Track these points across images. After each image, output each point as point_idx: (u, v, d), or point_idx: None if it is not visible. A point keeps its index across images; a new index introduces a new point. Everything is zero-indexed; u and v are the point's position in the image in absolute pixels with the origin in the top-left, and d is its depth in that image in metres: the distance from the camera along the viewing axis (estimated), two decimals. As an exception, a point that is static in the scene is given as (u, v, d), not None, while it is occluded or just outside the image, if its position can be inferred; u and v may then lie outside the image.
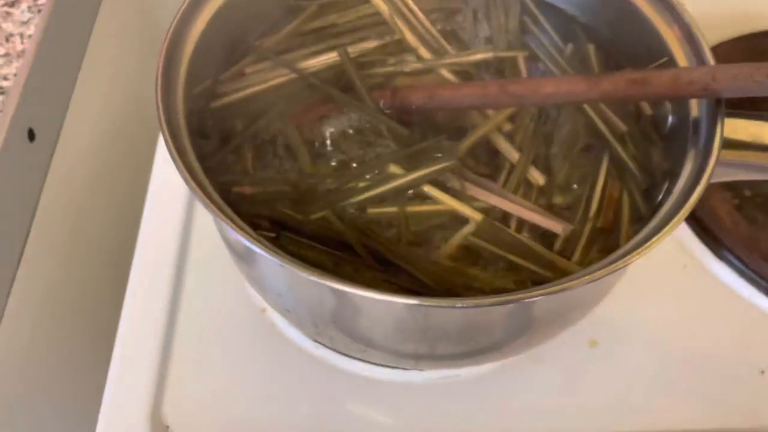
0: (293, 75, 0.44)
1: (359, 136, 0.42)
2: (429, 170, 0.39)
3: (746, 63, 0.34)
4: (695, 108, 0.37)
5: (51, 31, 0.54)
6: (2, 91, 0.46)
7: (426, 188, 0.39)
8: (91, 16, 0.58)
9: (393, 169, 0.39)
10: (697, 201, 0.33)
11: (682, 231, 0.49)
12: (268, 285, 0.38)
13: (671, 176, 0.37)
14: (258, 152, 0.41)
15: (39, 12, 0.55)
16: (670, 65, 0.39)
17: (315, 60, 0.45)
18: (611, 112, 0.42)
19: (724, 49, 0.57)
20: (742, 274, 0.47)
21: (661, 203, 0.36)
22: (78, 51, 0.56)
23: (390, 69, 0.45)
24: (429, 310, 0.32)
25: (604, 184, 0.40)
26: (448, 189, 0.39)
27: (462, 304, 0.31)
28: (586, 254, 0.37)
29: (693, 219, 0.49)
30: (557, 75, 0.44)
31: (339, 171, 0.40)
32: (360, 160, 0.41)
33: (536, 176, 0.39)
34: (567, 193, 0.40)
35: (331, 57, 0.45)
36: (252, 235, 0.32)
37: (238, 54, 0.45)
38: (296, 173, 0.40)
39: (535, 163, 0.40)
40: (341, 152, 0.41)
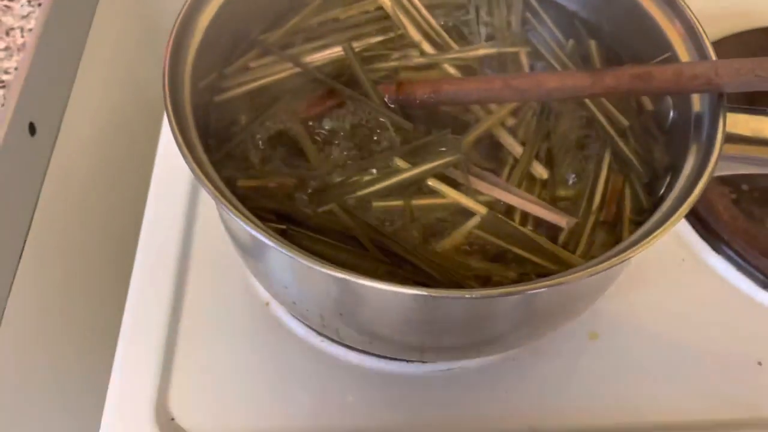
0: (297, 69, 0.44)
1: (364, 130, 0.42)
2: (434, 164, 0.39)
3: (748, 58, 0.35)
4: (697, 103, 0.38)
5: (51, 25, 0.54)
6: (3, 85, 0.46)
7: (431, 182, 0.39)
8: (91, 9, 0.58)
9: (398, 163, 0.40)
10: (700, 195, 0.33)
11: (681, 225, 0.50)
12: (274, 277, 0.38)
13: (673, 170, 0.38)
14: (263, 146, 0.41)
15: (39, 5, 0.55)
16: (673, 61, 0.39)
17: (319, 54, 0.45)
18: (613, 107, 0.42)
19: (725, 45, 0.57)
20: (740, 268, 0.47)
21: (663, 197, 0.36)
22: (78, 44, 0.56)
23: (394, 64, 0.45)
24: (437, 301, 0.32)
25: (607, 178, 0.40)
26: (453, 183, 0.39)
27: (470, 295, 0.31)
28: (590, 247, 0.38)
29: (691, 213, 0.49)
30: (559, 70, 0.44)
31: (344, 165, 0.40)
32: (365, 154, 0.41)
33: (539, 170, 0.40)
34: (570, 187, 0.40)
35: (336, 51, 0.45)
36: (261, 227, 0.32)
37: (243, 48, 0.45)
38: (301, 167, 0.40)
39: (538, 158, 0.41)
40: (346, 146, 0.41)
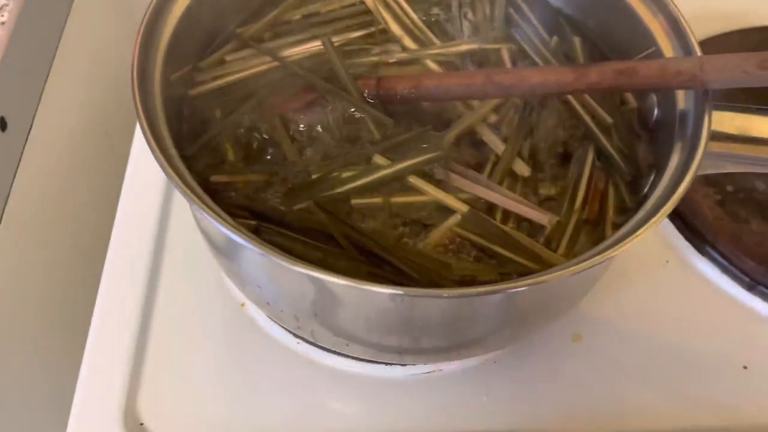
0: (275, 63, 0.43)
1: (343, 126, 0.41)
2: (414, 161, 0.39)
3: (734, 54, 0.34)
4: (682, 100, 0.37)
5: (25, 19, 0.53)
6: (-27, 78, 0.44)
7: (411, 179, 0.38)
8: (67, 3, 0.57)
9: (378, 160, 0.39)
10: (684, 193, 0.32)
11: (665, 226, 0.49)
12: (248, 277, 0.37)
13: (657, 168, 0.37)
14: (238, 141, 0.40)
15: (13, -1, 0.53)
16: (657, 56, 0.39)
17: (298, 48, 0.44)
18: (597, 105, 0.42)
19: (710, 46, 0.57)
20: (725, 270, 0.47)
21: (647, 195, 0.35)
22: (52, 38, 0.55)
23: (374, 59, 0.44)
24: (414, 301, 0.31)
25: (590, 176, 0.39)
26: (434, 180, 0.38)
27: (447, 294, 0.30)
28: (572, 246, 0.37)
29: (676, 214, 0.49)
30: (543, 66, 0.44)
31: (322, 161, 0.39)
32: (344, 151, 0.40)
33: (521, 168, 0.39)
34: (552, 185, 0.39)
35: (315, 46, 0.44)
36: (231, 224, 0.31)
37: (219, 41, 0.44)
38: (278, 163, 0.39)
39: (521, 155, 0.40)
40: (325, 142, 0.40)
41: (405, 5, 0.46)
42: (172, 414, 0.41)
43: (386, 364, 0.42)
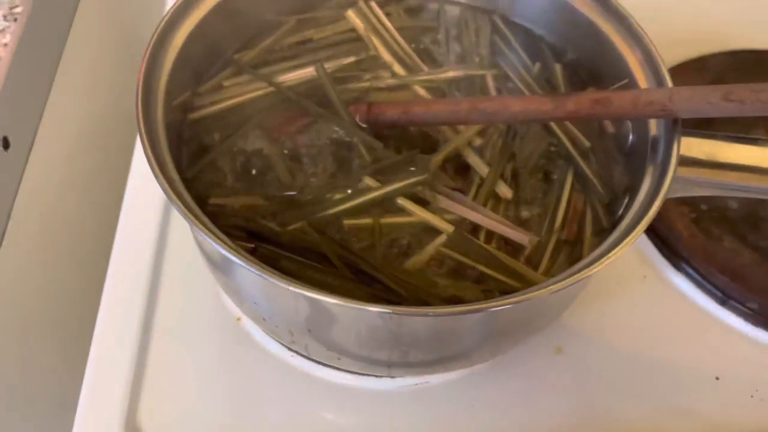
0: (271, 88, 0.45)
1: (335, 150, 0.43)
2: (403, 183, 0.40)
3: (701, 86, 0.37)
4: (654, 127, 0.40)
5: (27, 40, 0.54)
6: (-23, 99, 0.46)
7: (400, 201, 0.40)
8: (67, 25, 0.59)
9: (368, 182, 0.41)
10: (654, 216, 0.35)
11: (643, 243, 0.51)
12: (244, 294, 0.38)
13: (631, 191, 0.39)
14: (235, 164, 0.42)
15: (15, 20, 0.55)
16: (631, 86, 0.41)
17: (292, 74, 0.46)
18: (576, 130, 0.44)
19: (686, 69, 0.59)
20: (699, 285, 0.49)
21: (622, 217, 0.37)
22: (53, 59, 0.57)
23: (365, 84, 0.46)
24: (401, 319, 0.33)
25: (569, 198, 0.41)
26: (421, 201, 0.40)
27: (433, 313, 0.32)
28: (552, 265, 0.39)
29: (653, 232, 0.51)
30: (526, 93, 0.46)
31: (315, 183, 0.41)
32: (336, 173, 0.42)
33: (504, 190, 0.41)
34: (533, 207, 0.41)
35: (308, 72, 0.46)
36: (230, 246, 0.33)
37: (217, 67, 0.46)
38: (273, 185, 0.41)
39: (504, 177, 0.42)
40: (317, 165, 0.42)
41: (395, 33, 0.48)
42: (172, 424, 0.43)
43: (376, 377, 0.44)
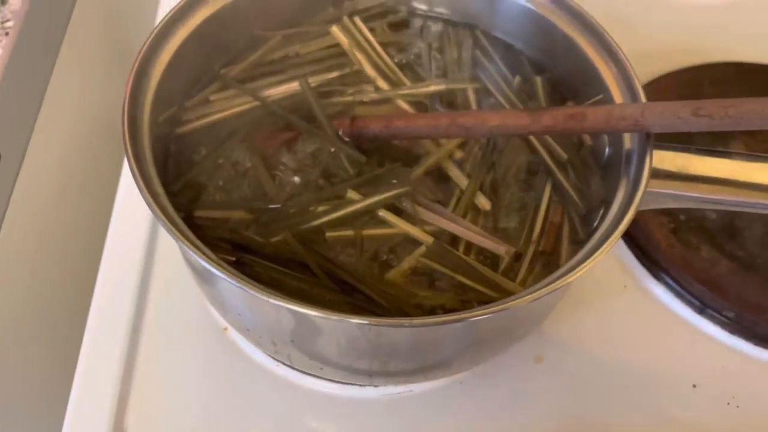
0: (256, 103, 0.46)
1: (319, 163, 0.44)
2: (384, 196, 0.41)
3: (673, 101, 0.38)
4: (628, 141, 0.41)
5: (18, 54, 0.55)
6: (-32, 113, 0.47)
7: (381, 212, 0.41)
8: (58, 39, 0.60)
9: (351, 195, 0.42)
10: (626, 228, 0.36)
11: (623, 253, 0.52)
12: (228, 305, 0.39)
13: (606, 203, 0.40)
14: (221, 177, 0.43)
15: (6, 35, 0.56)
16: (606, 101, 0.42)
17: (278, 89, 0.47)
18: (555, 143, 0.45)
19: (664, 82, 0.61)
20: (678, 294, 0.50)
21: (597, 228, 0.38)
22: (44, 73, 0.57)
23: (349, 98, 0.47)
24: (380, 329, 0.34)
25: (547, 210, 0.42)
26: (402, 213, 0.41)
27: (410, 324, 0.33)
28: (529, 275, 0.40)
29: (633, 242, 0.52)
30: (506, 106, 0.47)
31: (299, 196, 0.42)
32: (319, 186, 0.43)
33: (483, 202, 0.42)
34: (512, 218, 0.42)
35: (293, 86, 0.47)
36: (212, 259, 0.34)
37: (204, 82, 0.47)
38: (258, 198, 0.42)
39: (483, 189, 0.43)
40: (301, 178, 0.43)
41: (378, 48, 0.49)
42: (158, 433, 0.44)
43: (360, 386, 0.45)
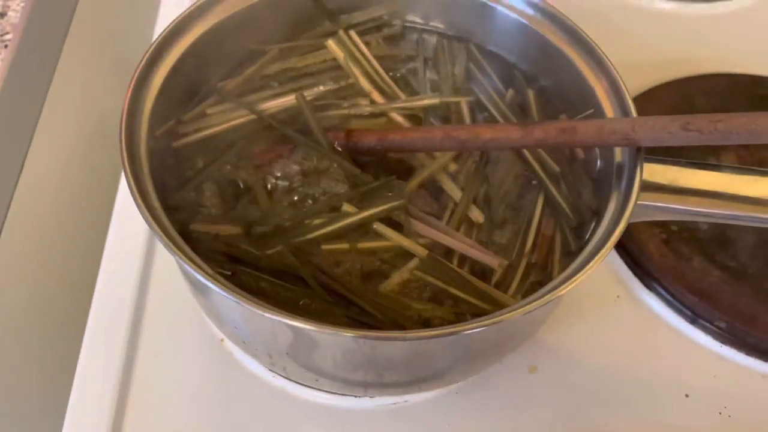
0: (253, 116, 0.46)
1: (314, 176, 0.44)
2: (379, 209, 0.42)
3: (663, 116, 0.38)
4: (619, 154, 0.41)
5: (17, 66, 0.56)
6: (-33, 125, 0.47)
7: (376, 226, 0.42)
8: (57, 52, 0.60)
9: (346, 208, 0.42)
10: (617, 241, 0.36)
11: (616, 264, 0.53)
12: (224, 318, 0.40)
13: (598, 216, 0.41)
14: (218, 190, 0.43)
15: (5, 47, 0.57)
16: (597, 116, 0.42)
17: (274, 102, 0.47)
18: (547, 156, 0.45)
19: (657, 93, 0.61)
20: (670, 305, 0.50)
21: (588, 241, 0.39)
22: (43, 86, 0.58)
23: (344, 112, 0.47)
24: (374, 343, 0.35)
25: (539, 222, 0.43)
26: (397, 226, 0.42)
27: (403, 337, 0.33)
28: (522, 287, 0.40)
29: (625, 252, 0.53)
30: (499, 119, 0.48)
31: (295, 208, 0.43)
32: (315, 198, 0.43)
33: (476, 214, 0.43)
34: (505, 230, 0.43)
35: (290, 99, 0.47)
36: (208, 273, 0.34)
37: (201, 95, 0.47)
38: (254, 211, 0.43)
39: (476, 202, 0.43)
40: (297, 190, 0.44)
41: (374, 61, 0.50)
42: (155, 445, 0.44)
43: (356, 397, 0.45)
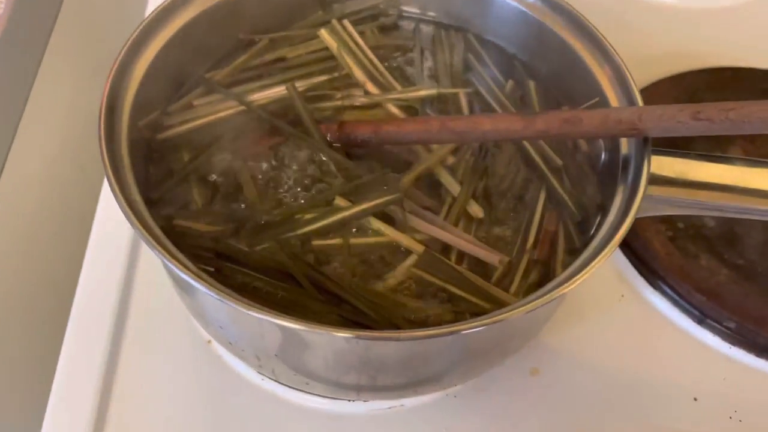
0: (242, 108, 0.45)
1: (306, 169, 0.42)
2: (373, 203, 0.40)
3: (671, 105, 0.36)
4: (625, 146, 0.39)
5: (1, 59, 0.54)
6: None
7: (370, 220, 0.40)
8: (42, 45, 0.58)
9: (338, 202, 0.40)
10: (624, 236, 0.34)
11: (620, 262, 0.51)
12: (209, 318, 0.38)
13: (603, 210, 0.39)
14: (204, 184, 0.41)
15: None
16: (601, 105, 0.41)
17: (264, 93, 0.46)
18: (549, 148, 0.43)
19: (661, 86, 0.60)
20: (676, 304, 0.48)
21: (594, 236, 0.37)
22: (28, 79, 0.56)
23: (338, 103, 0.46)
24: (368, 343, 0.33)
25: (541, 217, 0.41)
26: (393, 221, 0.40)
27: (398, 337, 0.31)
28: (523, 285, 0.38)
29: (630, 250, 0.51)
30: (499, 111, 0.46)
31: (285, 203, 0.41)
32: (306, 193, 0.41)
33: (475, 209, 0.41)
34: (505, 226, 0.41)
35: (280, 90, 0.45)
36: (190, 269, 0.32)
37: (188, 86, 0.45)
38: (242, 205, 0.41)
39: (475, 196, 0.42)
40: (288, 184, 0.42)
41: (368, 51, 0.48)
42: (138, 451, 0.42)
43: (348, 401, 0.43)
